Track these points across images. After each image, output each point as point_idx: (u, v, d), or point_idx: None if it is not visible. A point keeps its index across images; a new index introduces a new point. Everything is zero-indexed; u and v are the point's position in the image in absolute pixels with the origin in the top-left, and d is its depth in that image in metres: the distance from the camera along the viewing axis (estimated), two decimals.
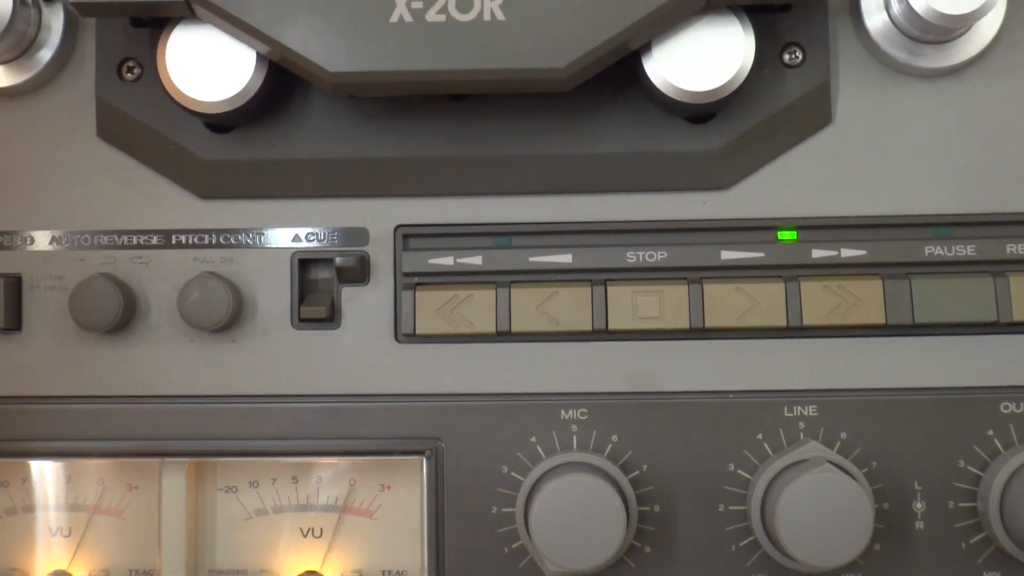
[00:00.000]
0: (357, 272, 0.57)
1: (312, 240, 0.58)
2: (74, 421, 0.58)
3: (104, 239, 0.58)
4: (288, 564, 0.60)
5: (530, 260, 0.57)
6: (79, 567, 0.60)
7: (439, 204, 0.58)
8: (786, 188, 0.57)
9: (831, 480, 0.52)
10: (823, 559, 0.52)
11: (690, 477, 0.57)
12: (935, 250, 0.57)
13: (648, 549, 0.57)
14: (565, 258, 0.57)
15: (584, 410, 0.57)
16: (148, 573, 0.60)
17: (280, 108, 0.58)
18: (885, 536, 0.56)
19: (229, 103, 0.55)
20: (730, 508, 0.56)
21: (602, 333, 0.57)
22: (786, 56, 0.57)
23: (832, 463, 0.54)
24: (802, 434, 0.57)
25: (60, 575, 0.60)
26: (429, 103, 0.57)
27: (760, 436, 0.57)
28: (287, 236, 0.58)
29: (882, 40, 0.56)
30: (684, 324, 0.57)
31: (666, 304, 0.57)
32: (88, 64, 0.59)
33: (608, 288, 0.57)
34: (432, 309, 0.57)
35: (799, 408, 0.57)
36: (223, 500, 0.61)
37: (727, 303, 0.57)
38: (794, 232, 0.57)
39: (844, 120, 0.57)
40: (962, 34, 0.56)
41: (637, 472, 0.57)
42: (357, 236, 0.58)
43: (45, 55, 0.58)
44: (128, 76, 0.58)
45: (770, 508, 0.54)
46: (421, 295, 0.57)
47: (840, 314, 0.56)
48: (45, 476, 0.61)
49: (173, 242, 0.58)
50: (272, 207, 0.58)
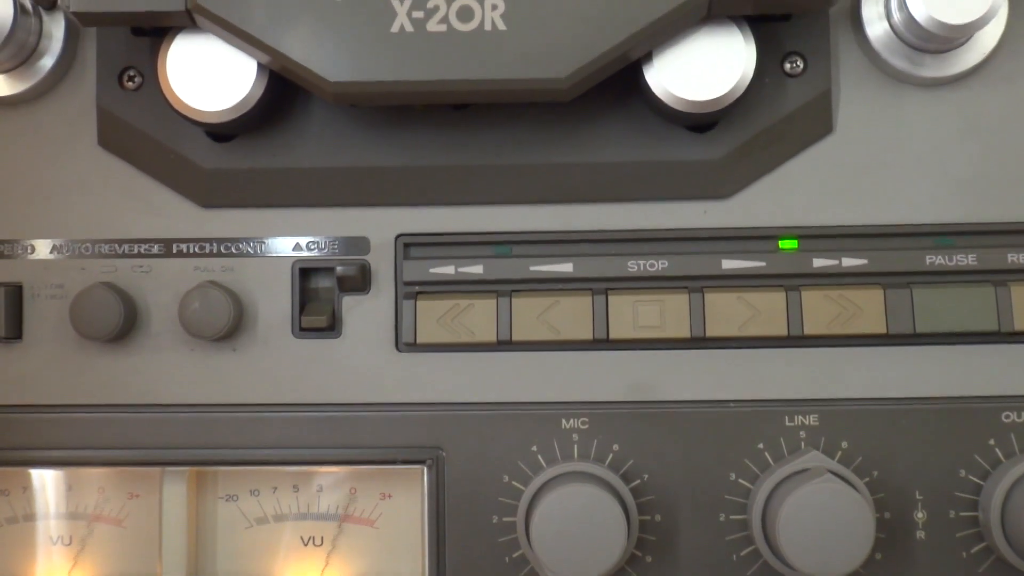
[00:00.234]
0: (358, 281, 0.57)
1: (313, 249, 0.58)
2: (75, 430, 0.58)
3: (105, 248, 0.58)
4: (289, 572, 0.60)
5: (531, 269, 0.57)
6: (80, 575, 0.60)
7: (440, 213, 0.58)
8: (787, 197, 0.57)
9: (832, 490, 0.52)
10: (824, 569, 0.52)
11: (691, 486, 0.57)
12: (936, 259, 0.57)
13: (649, 559, 0.56)
14: (566, 267, 0.57)
15: (585, 419, 0.57)
16: None
17: (281, 117, 0.58)
18: (886, 545, 0.56)
19: (230, 112, 0.55)
20: (731, 517, 0.56)
21: (603, 342, 0.57)
22: (787, 65, 0.57)
23: (833, 473, 0.54)
24: (803, 443, 0.56)
25: None
26: (430, 112, 0.57)
27: (761, 445, 0.57)
28: (288, 245, 0.58)
29: (883, 49, 0.56)
30: (685, 333, 0.56)
31: (667, 313, 0.57)
32: (89, 73, 0.59)
33: (609, 297, 0.57)
34: (433, 318, 0.57)
35: (800, 417, 0.57)
36: (224, 508, 0.61)
37: (728, 312, 0.56)
38: (795, 241, 0.57)
39: (845, 129, 0.57)
40: (963, 43, 0.56)
41: (638, 481, 0.56)
42: (358, 245, 0.58)
43: (46, 64, 0.58)
44: (129, 85, 0.58)
45: (771, 518, 0.54)
46: (422, 304, 0.57)
47: (841, 323, 0.56)
48: (46, 485, 0.61)
49: (174, 251, 0.58)
50: (273, 216, 0.58)
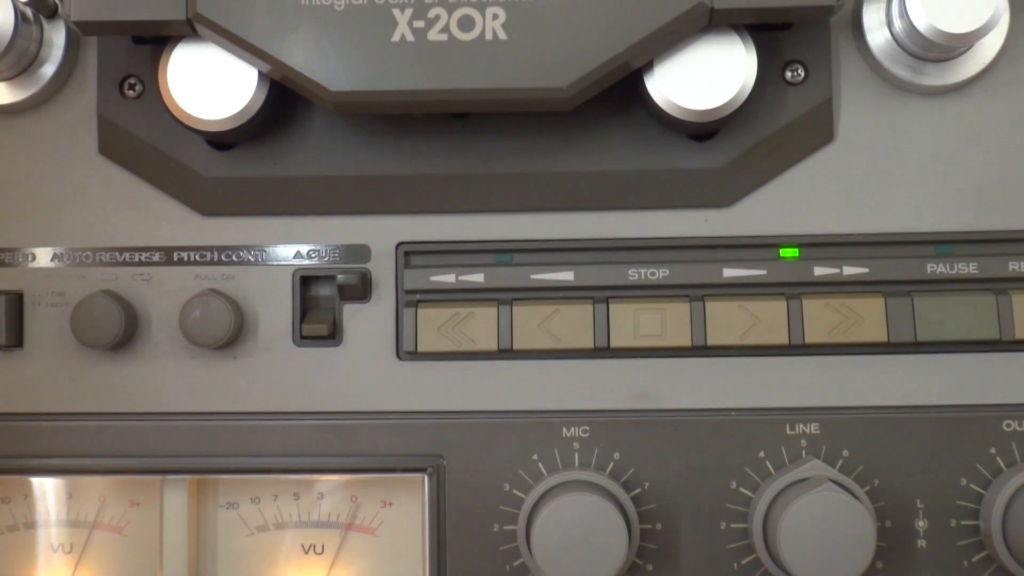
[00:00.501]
0: (359, 289, 0.57)
1: (314, 257, 0.58)
2: (75, 438, 0.58)
3: (105, 256, 0.58)
4: None
5: (532, 277, 0.57)
6: None
7: (441, 221, 0.58)
8: (788, 205, 0.57)
9: (833, 499, 0.52)
10: None
11: (692, 495, 0.56)
12: (937, 268, 0.57)
13: (650, 567, 0.56)
14: (567, 275, 0.57)
15: (586, 428, 0.57)
16: None
17: (282, 125, 0.58)
18: (887, 554, 0.56)
19: (231, 121, 0.54)
20: (732, 526, 0.56)
21: (604, 351, 0.57)
22: (788, 73, 0.57)
23: (834, 482, 0.54)
24: (804, 452, 0.56)
25: None
26: (431, 121, 0.57)
27: (762, 454, 0.57)
28: (289, 253, 0.58)
29: (884, 57, 0.56)
30: (686, 342, 0.56)
31: (668, 322, 0.57)
32: (90, 81, 0.59)
33: (610, 305, 0.57)
34: (434, 326, 0.57)
35: (801, 426, 0.57)
36: (224, 516, 0.61)
37: (729, 321, 0.56)
38: (796, 249, 0.57)
39: (846, 137, 0.57)
40: (964, 52, 0.56)
41: (639, 490, 0.56)
42: (359, 253, 0.58)
43: (47, 72, 0.58)
44: (130, 93, 0.58)
45: (772, 526, 0.54)
46: (423, 312, 0.57)
47: (842, 332, 0.56)
48: (47, 492, 0.61)
49: (175, 259, 0.58)
50: (274, 224, 0.58)
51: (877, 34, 0.56)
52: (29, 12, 0.57)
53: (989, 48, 0.56)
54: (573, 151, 0.57)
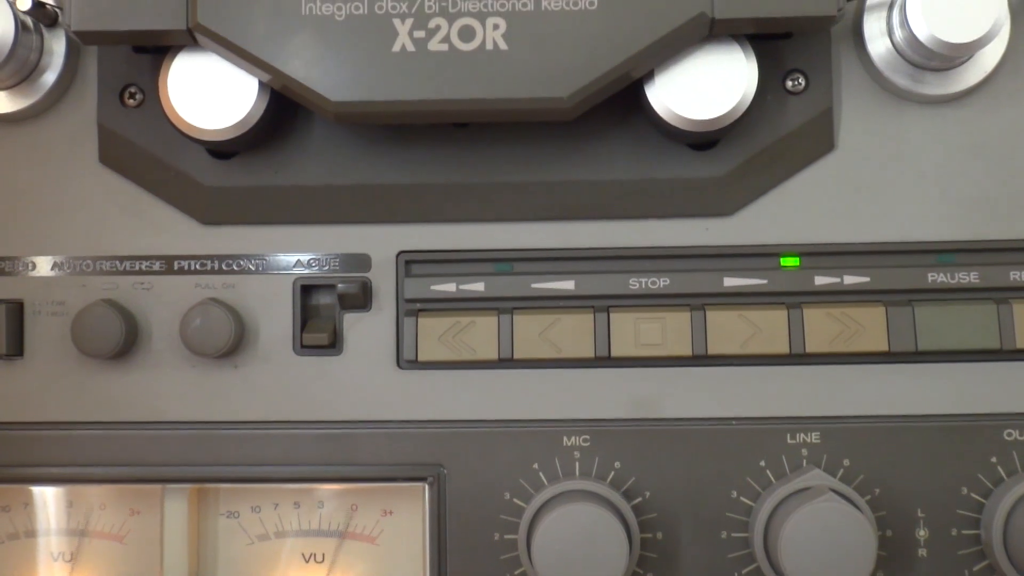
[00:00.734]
0: (359, 298, 0.57)
1: (314, 266, 0.58)
2: (76, 447, 0.58)
3: (106, 265, 0.58)
4: None
5: (532, 286, 0.57)
6: None
7: (441, 230, 0.58)
8: (789, 215, 0.57)
9: (834, 509, 0.52)
10: None
11: (693, 504, 0.56)
12: (938, 277, 0.57)
13: None
14: (567, 284, 0.57)
15: (586, 437, 0.57)
16: None
17: (282, 134, 0.57)
18: (888, 564, 0.56)
19: (231, 131, 0.54)
20: (732, 535, 0.56)
21: (604, 360, 0.57)
22: (789, 83, 0.57)
23: (835, 491, 0.54)
24: (805, 461, 0.56)
25: None
26: (432, 130, 0.57)
27: (763, 463, 0.56)
28: (289, 262, 0.58)
29: (885, 67, 0.56)
30: (687, 351, 0.56)
31: (668, 331, 0.57)
32: (90, 90, 0.59)
33: (611, 315, 0.57)
34: (434, 335, 0.57)
35: (802, 435, 0.57)
36: (225, 525, 0.61)
37: (730, 330, 0.56)
38: (797, 259, 0.57)
39: (847, 146, 0.57)
40: (965, 61, 0.56)
41: (640, 499, 0.56)
42: (359, 262, 0.58)
43: (47, 81, 0.58)
44: (130, 102, 0.58)
45: (773, 536, 0.54)
46: (423, 321, 0.57)
47: (843, 341, 0.56)
48: (47, 501, 0.61)
49: (175, 268, 0.58)
50: (274, 233, 0.58)
51: (878, 43, 0.56)
52: (29, 21, 0.57)
53: (990, 57, 0.56)
54: (574, 160, 0.57)
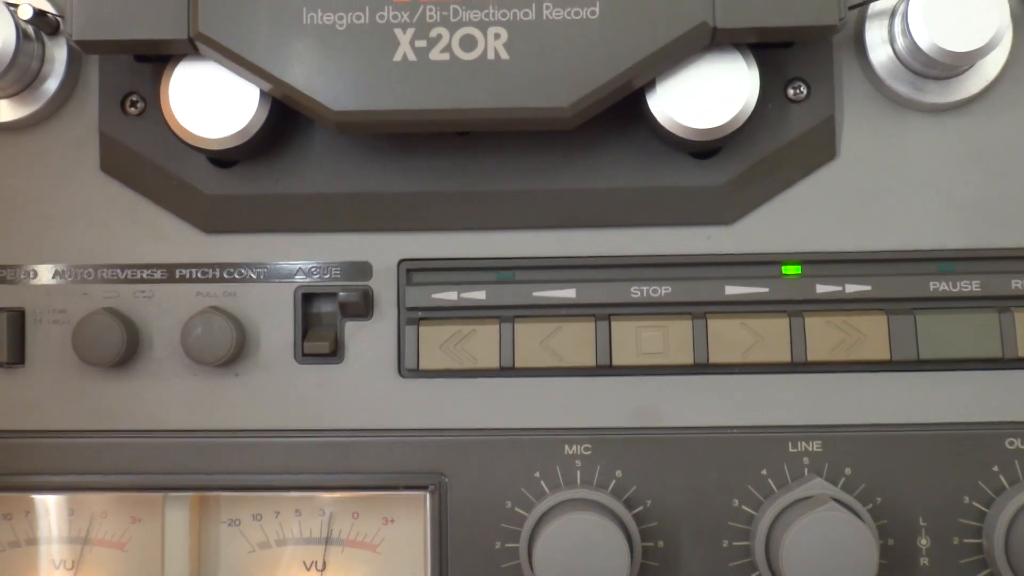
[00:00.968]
0: (360, 307, 0.57)
1: (315, 274, 0.58)
2: (77, 455, 0.58)
3: (107, 273, 0.58)
4: None
5: (534, 295, 0.57)
6: None
7: (443, 239, 0.58)
8: (791, 223, 0.57)
9: (836, 519, 0.52)
10: None
11: (694, 512, 0.56)
12: (940, 285, 0.57)
13: None
14: (569, 293, 0.57)
15: (588, 445, 0.57)
16: None
17: (283, 143, 0.57)
18: (889, 572, 0.56)
19: (233, 139, 0.54)
20: (734, 544, 0.56)
21: (606, 368, 0.57)
22: (790, 91, 0.57)
23: (836, 500, 0.54)
24: (806, 470, 0.56)
25: None
26: (433, 138, 0.57)
27: (764, 472, 0.56)
28: (290, 270, 0.58)
29: (886, 75, 0.56)
30: (688, 359, 0.56)
31: (670, 339, 0.57)
32: (91, 98, 0.59)
33: (612, 323, 0.57)
34: (435, 344, 0.57)
35: (803, 443, 0.56)
36: (226, 533, 0.60)
37: (731, 338, 0.56)
38: (798, 267, 0.57)
39: (849, 155, 0.57)
40: (967, 69, 0.56)
41: (641, 508, 0.56)
42: (360, 270, 0.58)
43: (48, 89, 0.58)
44: (132, 110, 0.58)
45: (774, 545, 0.54)
46: (424, 330, 0.57)
47: (845, 349, 0.56)
48: (48, 509, 0.61)
49: (176, 276, 0.58)
50: (275, 241, 0.58)
51: (879, 51, 0.56)
52: (31, 29, 0.57)
53: (992, 66, 0.56)
54: (575, 168, 0.57)
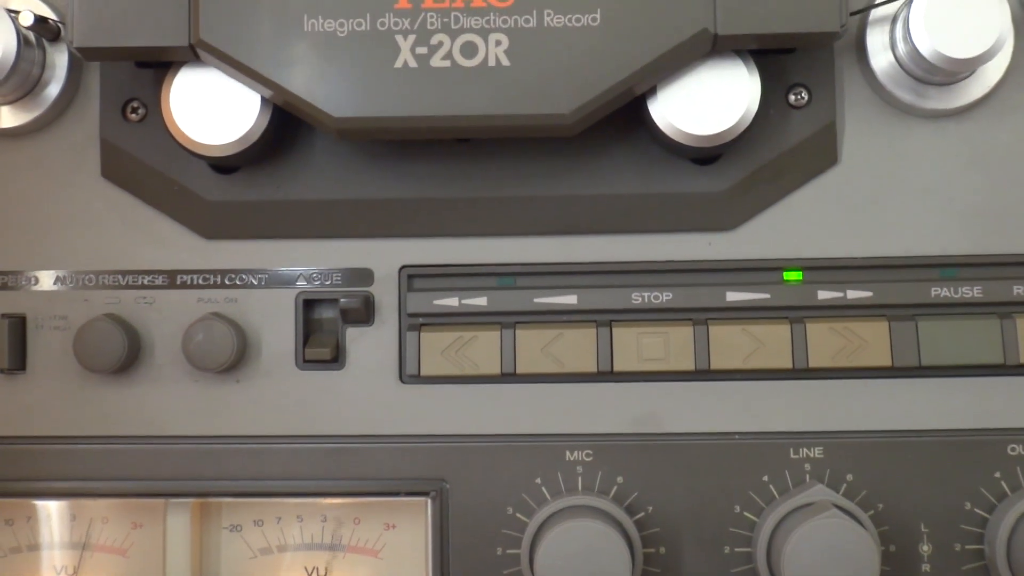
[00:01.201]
0: (362, 313, 0.57)
1: (317, 281, 0.58)
2: (79, 461, 0.58)
3: (108, 279, 0.58)
4: None
5: (535, 301, 0.57)
6: None
7: (444, 245, 0.58)
8: (792, 229, 0.57)
9: (837, 526, 0.52)
10: None
11: (696, 519, 0.56)
12: (941, 291, 0.57)
13: None
14: (570, 299, 0.57)
15: (589, 451, 0.57)
16: None
17: (284, 149, 0.57)
18: None
19: (234, 146, 0.54)
20: (736, 550, 0.56)
21: (607, 374, 0.57)
22: (792, 97, 0.57)
23: (838, 507, 0.54)
24: (808, 476, 0.56)
25: None
26: (434, 145, 0.57)
27: (766, 478, 0.56)
28: (292, 276, 0.58)
29: (888, 81, 0.56)
30: (689, 366, 0.56)
31: (671, 345, 0.56)
32: (92, 104, 0.59)
33: (613, 329, 0.57)
34: (437, 350, 0.57)
35: (805, 450, 0.56)
36: (228, 539, 0.60)
37: (732, 344, 0.56)
38: (800, 273, 0.57)
39: (850, 161, 0.57)
40: (968, 75, 0.56)
41: (642, 514, 0.56)
42: (362, 276, 0.58)
43: (49, 95, 0.58)
44: (132, 116, 0.58)
45: (776, 551, 0.54)
46: (426, 336, 0.57)
47: (846, 356, 0.56)
48: (50, 515, 0.61)
49: (178, 282, 0.58)
50: (277, 247, 0.58)
51: (881, 57, 0.56)
52: (32, 36, 0.57)
53: (993, 72, 0.56)
54: (576, 175, 0.57)
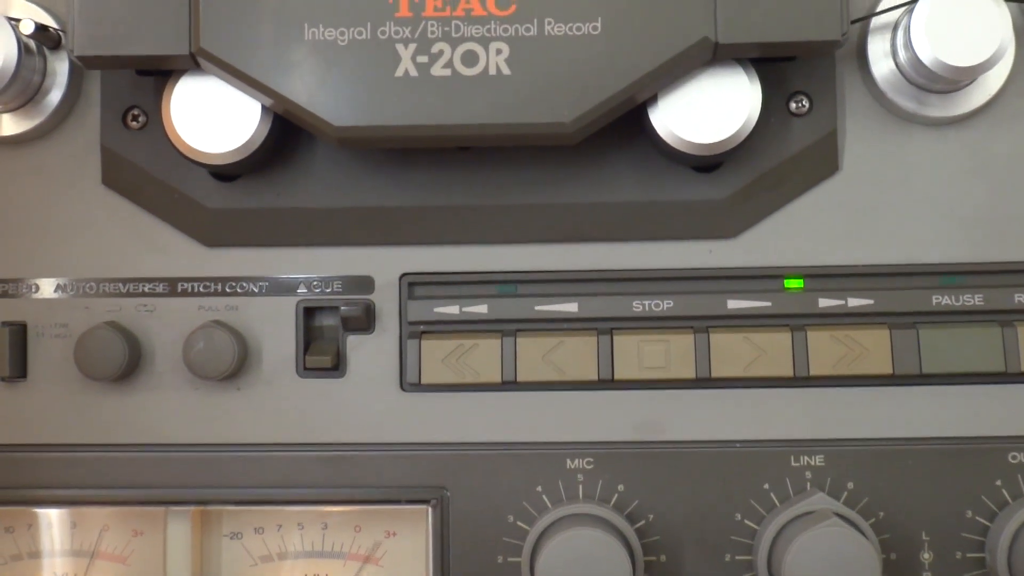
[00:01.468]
0: (362, 321, 0.57)
1: (317, 288, 0.58)
2: (79, 469, 0.58)
3: (109, 287, 0.58)
4: None
5: (536, 309, 0.57)
6: None
7: (444, 252, 0.58)
8: (793, 237, 0.57)
9: (838, 533, 0.52)
10: None
11: (696, 527, 0.56)
12: (942, 299, 0.56)
13: None
14: (571, 307, 0.57)
15: (590, 459, 0.57)
16: None
17: (285, 157, 0.57)
18: None
19: (234, 154, 0.54)
20: (736, 558, 0.56)
21: (608, 382, 0.57)
22: (793, 105, 0.57)
23: (839, 515, 0.54)
24: (809, 484, 0.56)
25: None
26: (434, 153, 0.57)
27: (767, 486, 0.56)
28: (292, 284, 0.58)
29: (889, 89, 0.56)
30: (690, 373, 0.56)
31: (672, 353, 0.56)
32: (93, 112, 0.58)
33: (614, 337, 0.57)
34: (437, 358, 0.57)
35: (806, 458, 0.56)
36: (228, 547, 0.60)
37: (733, 352, 0.56)
38: (801, 281, 0.57)
39: (851, 168, 0.57)
40: (970, 83, 0.56)
41: (643, 522, 0.56)
42: (362, 284, 0.58)
43: (50, 103, 0.58)
44: (133, 124, 0.58)
45: (777, 560, 0.54)
46: (426, 344, 0.57)
47: (847, 364, 0.56)
48: (51, 522, 0.61)
49: (178, 290, 0.58)
50: (277, 255, 0.58)
51: (882, 65, 0.56)
52: (33, 44, 0.57)
53: (994, 79, 0.56)
54: (577, 183, 0.57)
